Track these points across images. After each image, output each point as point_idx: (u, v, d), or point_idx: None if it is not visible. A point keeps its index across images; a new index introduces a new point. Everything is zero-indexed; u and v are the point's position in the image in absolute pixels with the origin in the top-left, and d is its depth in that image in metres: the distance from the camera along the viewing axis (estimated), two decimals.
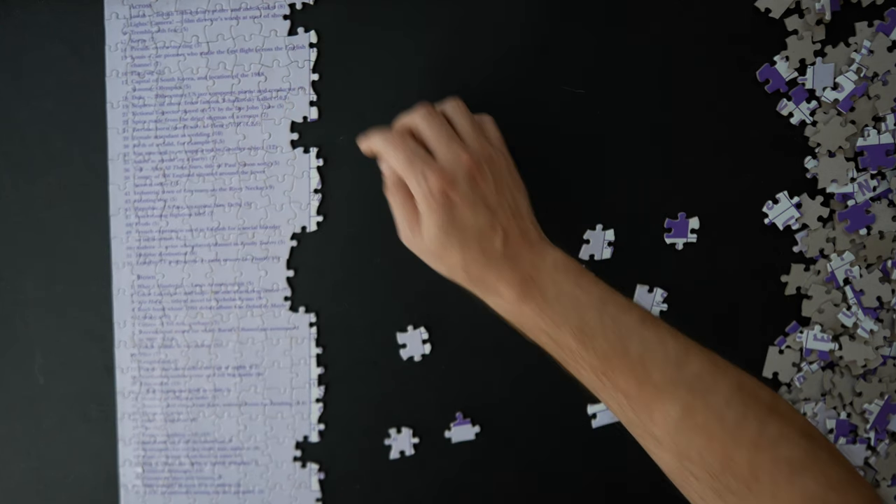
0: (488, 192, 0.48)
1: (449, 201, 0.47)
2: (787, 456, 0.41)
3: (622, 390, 0.45)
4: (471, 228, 0.47)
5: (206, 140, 0.57)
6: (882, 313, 0.54)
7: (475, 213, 0.47)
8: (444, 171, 0.47)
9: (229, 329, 0.57)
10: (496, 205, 0.48)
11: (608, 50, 0.54)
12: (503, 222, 0.48)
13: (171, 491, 0.58)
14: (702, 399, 0.43)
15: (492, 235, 0.47)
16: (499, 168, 0.49)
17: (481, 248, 0.47)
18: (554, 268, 0.47)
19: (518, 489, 0.57)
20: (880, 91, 0.53)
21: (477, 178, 0.48)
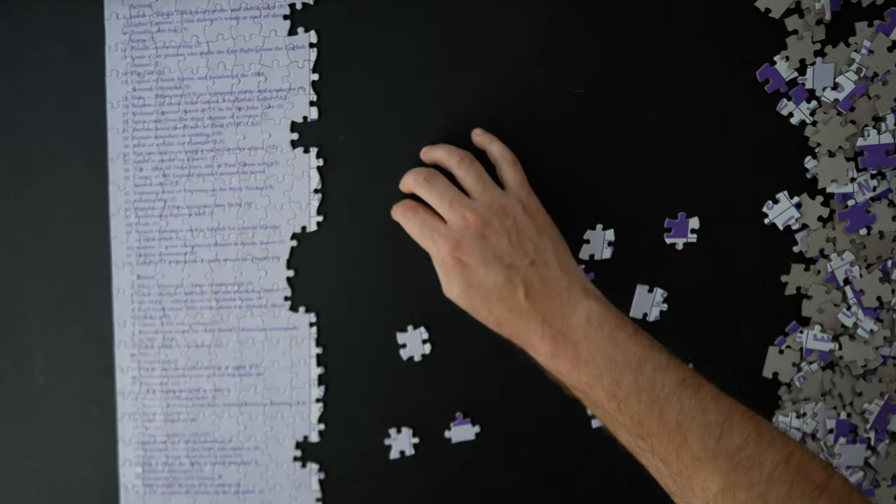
0: (502, 248, 0.47)
1: (461, 264, 0.47)
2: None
3: (659, 456, 0.43)
4: (489, 287, 0.47)
5: (206, 140, 0.57)
6: (882, 313, 0.54)
7: (489, 272, 0.47)
8: (450, 237, 0.47)
9: (229, 329, 0.57)
10: (512, 258, 0.47)
11: (608, 50, 0.54)
12: (523, 276, 0.47)
13: (171, 491, 0.58)
14: (744, 474, 0.40)
15: (512, 291, 0.47)
16: (514, 218, 0.48)
17: (504, 303, 0.47)
18: (587, 322, 0.46)
19: (518, 489, 0.57)
20: (880, 91, 0.53)
21: (487, 235, 0.47)
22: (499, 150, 0.52)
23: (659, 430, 0.42)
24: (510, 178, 0.51)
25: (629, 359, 0.44)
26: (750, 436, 0.41)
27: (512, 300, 0.47)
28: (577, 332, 0.45)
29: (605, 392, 0.44)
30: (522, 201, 0.49)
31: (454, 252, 0.47)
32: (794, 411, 0.55)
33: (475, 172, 0.50)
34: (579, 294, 0.47)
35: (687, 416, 0.42)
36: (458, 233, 0.48)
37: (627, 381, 0.43)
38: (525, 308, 0.46)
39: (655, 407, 0.43)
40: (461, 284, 0.48)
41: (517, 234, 0.48)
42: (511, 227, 0.48)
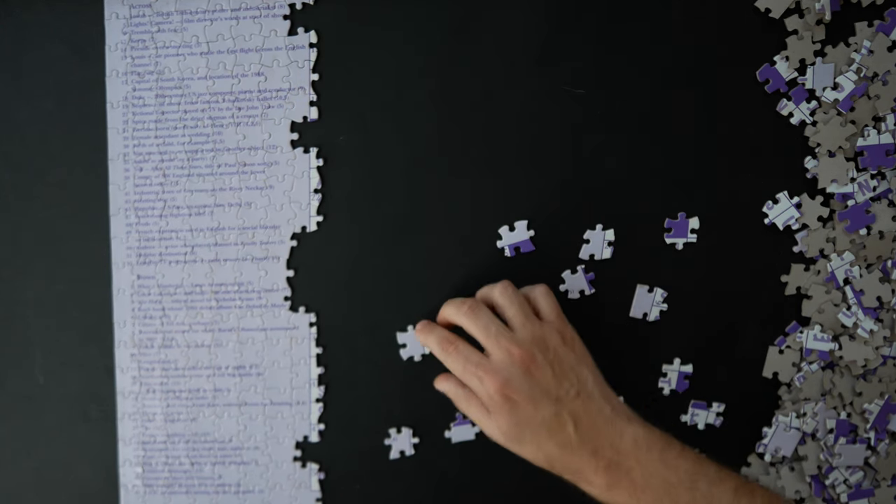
0: (547, 382, 0.47)
1: (510, 402, 0.47)
2: None
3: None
4: (538, 423, 0.47)
5: (206, 140, 0.57)
6: (882, 313, 0.54)
7: (538, 408, 0.47)
8: (498, 374, 0.47)
9: (229, 329, 0.57)
10: (559, 392, 0.47)
11: (608, 50, 0.54)
12: (569, 409, 0.47)
13: (171, 491, 0.58)
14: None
15: (561, 425, 0.46)
16: (555, 350, 0.48)
17: (554, 440, 0.47)
18: (636, 447, 0.46)
19: (518, 489, 0.57)
20: (880, 91, 0.53)
21: (532, 370, 0.47)
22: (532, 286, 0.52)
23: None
24: (546, 308, 0.51)
25: (682, 477, 0.45)
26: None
27: (561, 435, 0.47)
28: (630, 459, 0.46)
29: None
30: (560, 331, 0.49)
31: (503, 389, 0.47)
32: (794, 411, 0.55)
33: (518, 303, 0.50)
34: (623, 420, 0.47)
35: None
36: (506, 369, 0.47)
37: (685, 500, 0.44)
38: (575, 442, 0.46)
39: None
40: (509, 422, 0.47)
41: (559, 366, 0.48)
42: (553, 360, 0.48)
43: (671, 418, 0.56)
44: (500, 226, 0.55)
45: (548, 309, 0.51)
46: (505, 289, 0.51)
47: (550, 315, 0.50)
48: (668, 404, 0.56)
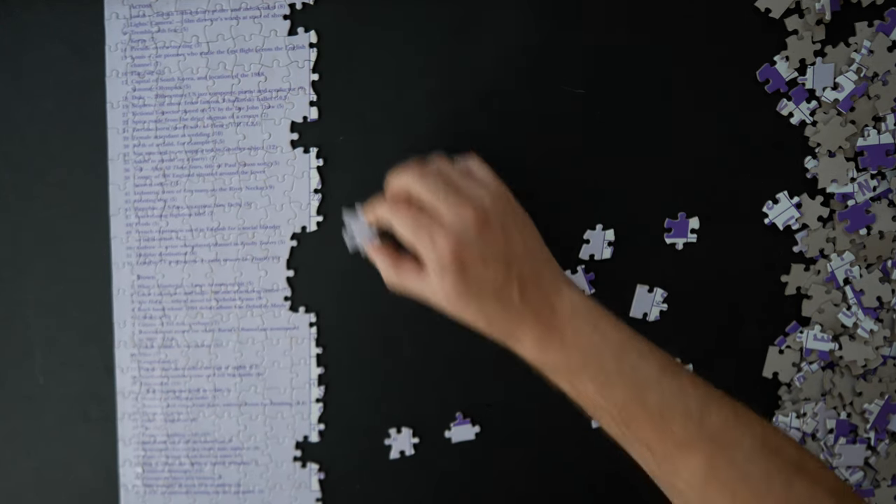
0: (498, 245, 0.46)
1: (462, 264, 0.46)
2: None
3: (644, 442, 0.43)
4: (487, 285, 0.46)
5: (206, 140, 0.57)
6: (882, 313, 0.54)
7: (488, 269, 0.46)
8: (451, 234, 0.46)
9: (229, 329, 0.57)
10: (508, 254, 0.46)
11: (608, 50, 0.54)
12: (517, 271, 0.46)
13: (171, 491, 0.58)
14: (725, 454, 0.41)
15: (509, 288, 0.46)
16: (503, 213, 0.47)
17: (499, 302, 0.46)
18: (573, 311, 0.46)
19: (518, 489, 0.57)
20: (880, 91, 0.53)
21: (484, 231, 0.46)
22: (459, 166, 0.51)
23: (641, 415, 0.43)
24: (484, 174, 0.50)
25: (612, 346, 0.45)
26: (728, 417, 0.42)
27: (506, 297, 0.46)
28: (565, 323, 0.46)
29: (589, 379, 0.45)
30: (504, 196, 0.49)
31: (456, 250, 0.46)
32: (794, 411, 0.55)
33: (459, 168, 0.50)
34: (562, 284, 0.47)
35: (668, 399, 0.43)
36: (460, 230, 0.46)
37: (611, 369, 0.44)
38: (517, 302, 0.46)
39: (638, 393, 0.43)
40: (456, 284, 0.46)
41: (506, 226, 0.47)
42: (502, 223, 0.47)
43: None
44: None
45: (486, 175, 0.49)
46: (440, 158, 0.50)
47: (489, 181, 0.49)
48: None
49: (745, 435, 0.41)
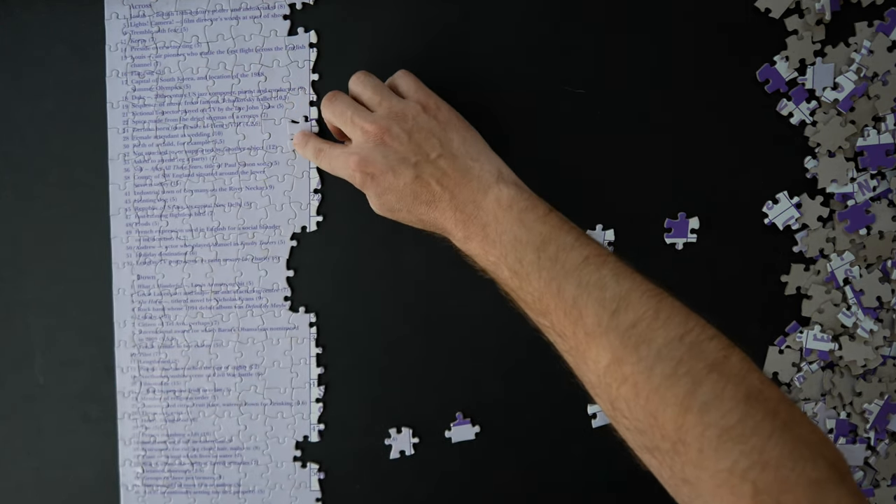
0: (404, 150, 0.49)
1: (370, 177, 0.49)
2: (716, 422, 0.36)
3: (559, 332, 0.44)
4: (401, 189, 0.49)
5: (206, 140, 0.57)
6: (882, 313, 0.54)
7: (397, 176, 0.49)
8: (353, 154, 0.49)
9: (229, 329, 0.57)
10: (417, 157, 0.49)
11: (608, 50, 0.54)
12: (430, 171, 0.48)
13: (171, 491, 0.58)
14: (633, 350, 0.39)
15: (426, 186, 0.49)
16: (414, 118, 0.49)
17: (421, 199, 0.49)
18: (497, 204, 0.47)
19: (518, 489, 0.57)
20: (880, 91, 0.53)
21: (387, 141, 0.49)
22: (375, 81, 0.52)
23: (557, 306, 0.43)
24: (406, 86, 0.52)
25: (534, 238, 0.45)
26: (646, 313, 0.40)
27: (427, 194, 0.49)
28: (487, 215, 0.47)
29: (509, 270, 0.46)
30: (421, 102, 0.50)
31: (360, 167, 0.49)
32: None
33: (371, 85, 0.51)
34: (490, 179, 0.48)
35: (584, 291, 0.42)
36: (360, 147, 0.49)
37: (530, 259, 0.44)
38: (439, 198, 0.48)
39: (554, 283, 0.43)
40: (376, 196, 0.50)
41: (418, 133, 0.49)
42: (412, 129, 0.49)
43: None
44: None
45: (407, 86, 0.52)
46: (358, 76, 0.52)
47: (410, 91, 0.51)
48: None
49: (661, 331, 0.39)
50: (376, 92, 0.51)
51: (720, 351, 0.38)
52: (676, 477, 0.38)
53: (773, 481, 0.34)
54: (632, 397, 0.39)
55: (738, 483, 0.35)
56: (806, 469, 0.35)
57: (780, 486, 0.34)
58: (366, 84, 0.51)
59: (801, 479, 0.34)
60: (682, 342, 0.39)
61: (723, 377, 0.37)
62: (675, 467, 0.38)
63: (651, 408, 0.38)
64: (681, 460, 0.37)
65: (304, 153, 0.55)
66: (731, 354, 0.38)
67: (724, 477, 0.35)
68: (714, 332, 0.40)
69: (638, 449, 0.40)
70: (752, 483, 0.35)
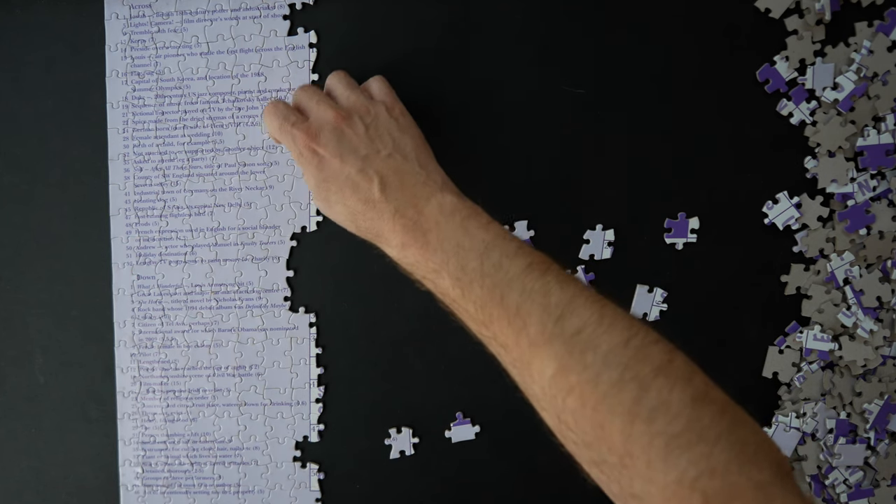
0: (358, 141, 0.48)
1: (317, 156, 0.48)
2: (663, 430, 0.35)
3: (500, 343, 0.42)
4: (343, 178, 0.48)
5: (206, 140, 0.57)
6: (882, 313, 0.54)
7: (344, 163, 0.48)
8: (309, 128, 0.48)
9: (229, 329, 0.57)
10: (368, 151, 0.48)
11: (608, 50, 0.54)
12: (377, 167, 0.47)
13: (171, 491, 0.58)
14: (578, 357, 0.38)
15: (367, 182, 0.47)
16: (375, 116, 0.49)
17: (359, 196, 0.47)
18: (439, 211, 0.46)
19: (518, 489, 0.57)
20: (880, 91, 0.53)
21: (344, 128, 0.48)
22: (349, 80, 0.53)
23: (500, 314, 0.41)
24: (377, 89, 0.52)
25: (476, 245, 0.44)
26: (591, 318, 0.39)
27: (367, 192, 0.47)
28: (429, 221, 0.45)
29: (450, 278, 0.44)
30: (387, 104, 0.50)
31: (310, 143, 0.48)
32: (793, 411, 0.55)
33: (345, 83, 0.51)
34: (434, 187, 0.47)
35: (527, 298, 0.40)
36: (317, 125, 0.49)
37: (472, 266, 0.43)
38: (378, 199, 0.47)
39: (497, 291, 0.42)
40: (316, 178, 0.48)
41: (376, 129, 0.49)
42: (371, 123, 0.49)
43: None
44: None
45: (378, 90, 0.52)
46: (335, 74, 0.52)
47: (380, 93, 0.51)
48: None
49: (605, 337, 0.38)
50: (348, 87, 0.51)
51: (665, 354, 0.38)
52: (625, 492, 0.37)
53: (721, 488, 0.33)
54: (578, 408, 0.37)
55: (688, 494, 0.34)
56: (752, 472, 0.34)
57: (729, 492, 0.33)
58: (340, 80, 0.52)
59: (749, 482, 0.34)
60: (627, 347, 0.38)
61: (669, 380, 0.36)
62: (624, 481, 0.36)
63: (598, 419, 0.37)
64: (629, 474, 0.36)
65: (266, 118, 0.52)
66: (675, 357, 0.38)
67: (674, 489, 0.34)
68: (657, 336, 0.39)
69: (586, 464, 0.39)
70: (702, 492, 0.34)
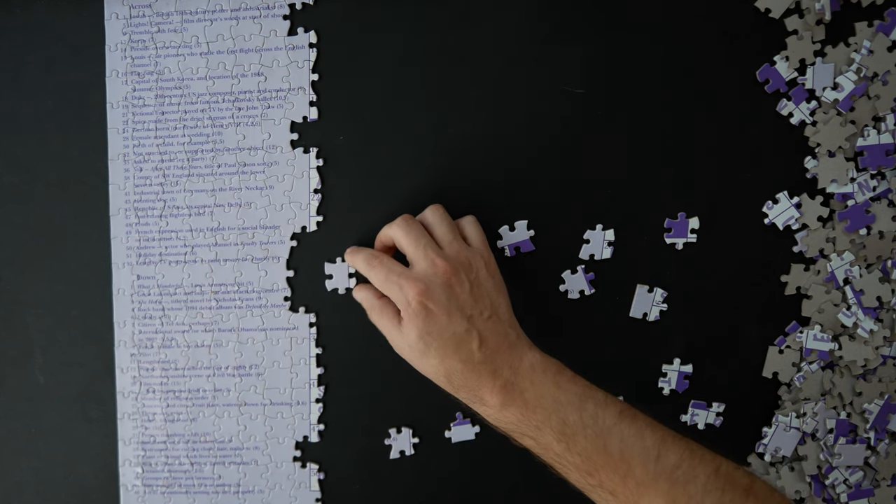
0: (464, 299, 0.49)
1: (426, 310, 0.48)
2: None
3: (608, 489, 0.45)
4: (448, 335, 0.48)
5: (206, 140, 0.57)
6: (882, 313, 0.54)
7: (451, 321, 0.48)
8: (419, 282, 0.49)
9: (229, 329, 0.57)
10: (472, 311, 0.49)
11: (608, 50, 0.54)
12: (479, 328, 0.49)
13: (171, 491, 0.58)
14: (682, 489, 0.43)
15: (469, 341, 0.48)
16: (477, 272, 0.50)
17: (458, 355, 0.48)
18: (532, 369, 0.48)
19: (518, 489, 0.57)
20: (880, 91, 0.53)
21: (453, 285, 0.49)
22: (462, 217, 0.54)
23: (605, 462, 0.45)
24: (474, 235, 0.52)
25: (572, 399, 0.47)
26: (683, 454, 0.44)
27: (466, 351, 0.48)
28: (525, 380, 0.48)
29: (553, 433, 0.47)
30: (485, 258, 0.51)
31: (421, 296, 0.48)
32: (794, 411, 0.55)
33: (447, 223, 0.52)
34: (525, 346, 0.49)
35: (628, 444, 0.45)
36: (428, 278, 0.49)
37: (573, 420, 0.46)
38: (478, 360, 0.48)
39: (600, 441, 0.45)
40: (420, 331, 0.49)
41: (478, 288, 0.50)
42: (474, 281, 0.50)
43: (671, 418, 0.56)
44: (500, 226, 0.55)
45: (475, 236, 0.52)
46: (436, 209, 0.53)
47: (477, 242, 0.52)
48: (668, 404, 0.56)
49: (700, 469, 0.44)
50: (450, 231, 0.51)
51: (747, 478, 0.44)
52: None
53: None
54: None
55: None
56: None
57: None
58: (442, 220, 0.52)
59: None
60: (718, 475, 0.43)
61: (758, 499, 0.43)
62: None
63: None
64: None
65: (353, 260, 0.54)
66: (755, 479, 0.44)
67: None
68: (736, 464, 0.44)
69: None
70: None
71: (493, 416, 0.49)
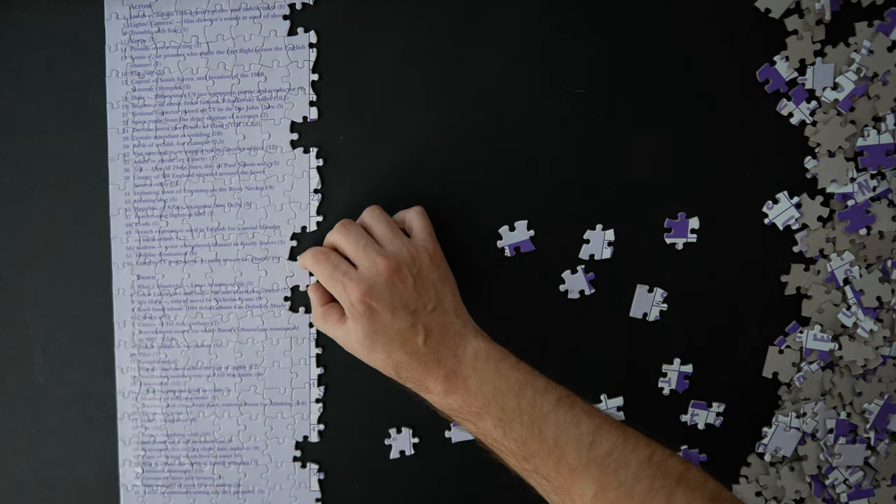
0: (408, 294, 0.50)
1: (370, 310, 0.49)
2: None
3: (542, 474, 0.46)
4: (393, 332, 0.49)
5: (206, 140, 0.57)
6: (882, 313, 0.54)
7: (395, 318, 0.49)
8: (362, 282, 0.49)
9: (229, 329, 0.57)
10: (417, 305, 0.50)
11: (608, 50, 0.54)
12: (424, 321, 0.49)
13: (170, 491, 0.58)
14: (613, 475, 0.44)
15: (414, 336, 0.49)
16: (420, 265, 0.51)
17: (405, 349, 0.49)
18: (475, 357, 0.49)
19: (518, 489, 0.57)
20: (880, 91, 0.53)
21: (396, 282, 0.49)
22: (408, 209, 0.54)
23: (540, 448, 0.46)
24: (418, 227, 0.53)
25: (512, 385, 0.47)
26: (617, 441, 0.44)
27: (412, 344, 0.49)
28: (468, 368, 0.49)
29: (492, 419, 0.47)
30: (429, 250, 0.52)
31: (364, 297, 0.49)
32: (794, 411, 0.55)
33: (385, 221, 0.52)
34: (470, 335, 0.50)
35: (563, 430, 0.45)
36: (370, 278, 0.49)
37: (511, 406, 0.47)
38: (423, 352, 0.49)
39: (535, 427, 0.46)
40: (366, 329, 0.49)
41: (422, 281, 0.50)
42: (417, 275, 0.50)
43: (671, 418, 0.56)
44: (500, 226, 0.55)
45: (419, 228, 0.53)
46: (373, 210, 0.53)
47: (421, 234, 0.52)
48: (668, 404, 0.56)
49: (632, 455, 0.44)
50: (389, 228, 0.52)
51: (681, 465, 0.44)
52: None
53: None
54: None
55: None
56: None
57: None
58: (380, 219, 0.52)
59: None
60: (651, 462, 0.44)
61: (689, 486, 0.43)
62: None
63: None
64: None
65: (303, 259, 0.53)
66: (689, 467, 0.44)
67: None
68: (671, 451, 0.45)
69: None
70: None
71: (437, 402, 0.50)
